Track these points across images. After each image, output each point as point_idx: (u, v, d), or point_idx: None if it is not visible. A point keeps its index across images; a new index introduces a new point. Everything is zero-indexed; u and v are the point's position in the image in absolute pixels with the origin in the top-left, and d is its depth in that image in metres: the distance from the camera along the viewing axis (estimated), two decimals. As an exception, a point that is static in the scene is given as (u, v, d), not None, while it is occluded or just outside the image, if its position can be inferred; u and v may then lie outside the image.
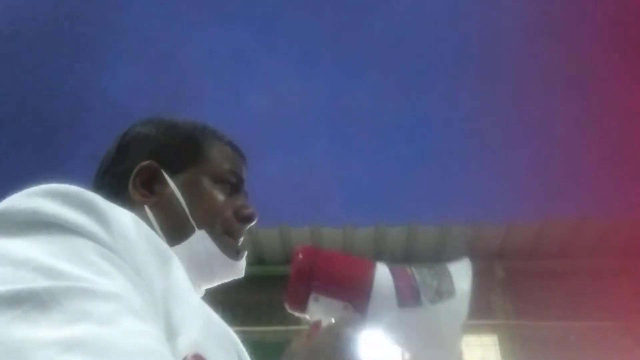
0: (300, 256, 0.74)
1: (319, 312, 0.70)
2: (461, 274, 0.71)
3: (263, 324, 5.25)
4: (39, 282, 0.41)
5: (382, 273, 0.70)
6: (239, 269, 0.80)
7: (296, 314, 0.73)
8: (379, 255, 5.58)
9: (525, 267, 5.40)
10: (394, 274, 0.70)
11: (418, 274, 0.71)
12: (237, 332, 0.71)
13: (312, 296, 0.70)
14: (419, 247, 5.46)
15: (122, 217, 0.52)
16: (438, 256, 5.53)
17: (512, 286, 5.28)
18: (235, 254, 0.78)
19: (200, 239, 0.74)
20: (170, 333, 0.50)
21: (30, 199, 0.48)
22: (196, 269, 0.71)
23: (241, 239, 0.81)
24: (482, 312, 4.95)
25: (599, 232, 5.22)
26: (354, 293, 0.69)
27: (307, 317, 0.72)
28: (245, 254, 0.82)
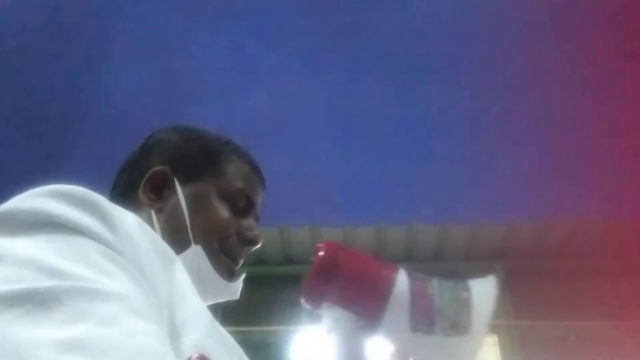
0: (322, 253, 0.69)
1: (332, 319, 0.69)
2: (483, 302, 0.68)
3: (263, 324, 5.25)
4: (42, 282, 0.41)
5: (401, 291, 0.67)
6: (233, 290, 0.78)
7: (310, 309, 0.70)
8: (379, 255, 5.57)
9: (525, 267, 5.40)
10: (413, 292, 0.67)
11: (439, 295, 0.68)
12: (237, 332, 0.70)
13: (326, 304, 0.68)
14: (419, 247, 5.46)
15: (127, 218, 0.53)
16: (438, 256, 5.53)
17: (512, 286, 5.28)
18: (229, 274, 0.76)
19: (195, 254, 0.73)
20: (175, 334, 0.50)
21: (35, 199, 0.48)
22: None
23: (240, 261, 0.79)
24: (482, 312, 4.94)
25: (599, 232, 5.23)
26: (368, 309, 0.68)
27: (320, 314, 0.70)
28: (243, 276, 0.79)
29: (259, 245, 0.79)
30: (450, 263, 5.51)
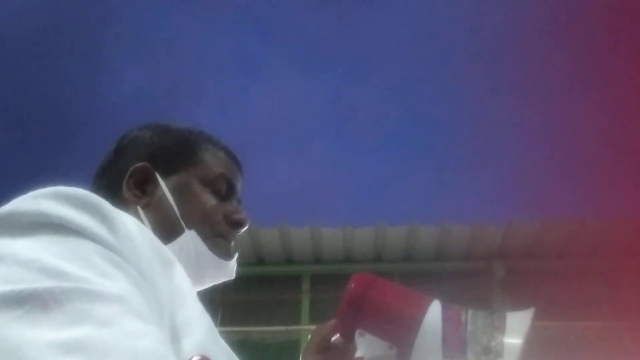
0: (353, 285, 0.73)
1: (364, 347, 0.70)
2: (517, 329, 0.69)
3: (263, 324, 5.25)
4: (42, 283, 0.41)
5: (433, 318, 0.68)
6: (229, 269, 0.80)
7: (343, 341, 0.72)
8: (379, 255, 5.58)
9: (525, 267, 5.40)
10: (445, 319, 0.69)
11: (472, 322, 0.69)
12: (237, 332, 0.71)
13: (358, 331, 0.70)
14: (419, 247, 5.46)
15: (127, 220, 0.53)
16: (438, 256, 5.53)
17: (512, 286, 5.28)
18: (225, 254, 0.79)
19: (190, 239, 0.75)
20: (175, 335, 0.51)
21: (36, 200, 0.48)
22: (185, 269, 0.71)
23: (232, 243, 0.81)
24: (482, 312, 4.94)
25: (599, 232, 5.23)
26: (399, 336, 0.69)
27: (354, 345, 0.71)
28: (237, 255, 0.82)
29: (246, 227, 0.81)
30: (450, 263, 5.51)
